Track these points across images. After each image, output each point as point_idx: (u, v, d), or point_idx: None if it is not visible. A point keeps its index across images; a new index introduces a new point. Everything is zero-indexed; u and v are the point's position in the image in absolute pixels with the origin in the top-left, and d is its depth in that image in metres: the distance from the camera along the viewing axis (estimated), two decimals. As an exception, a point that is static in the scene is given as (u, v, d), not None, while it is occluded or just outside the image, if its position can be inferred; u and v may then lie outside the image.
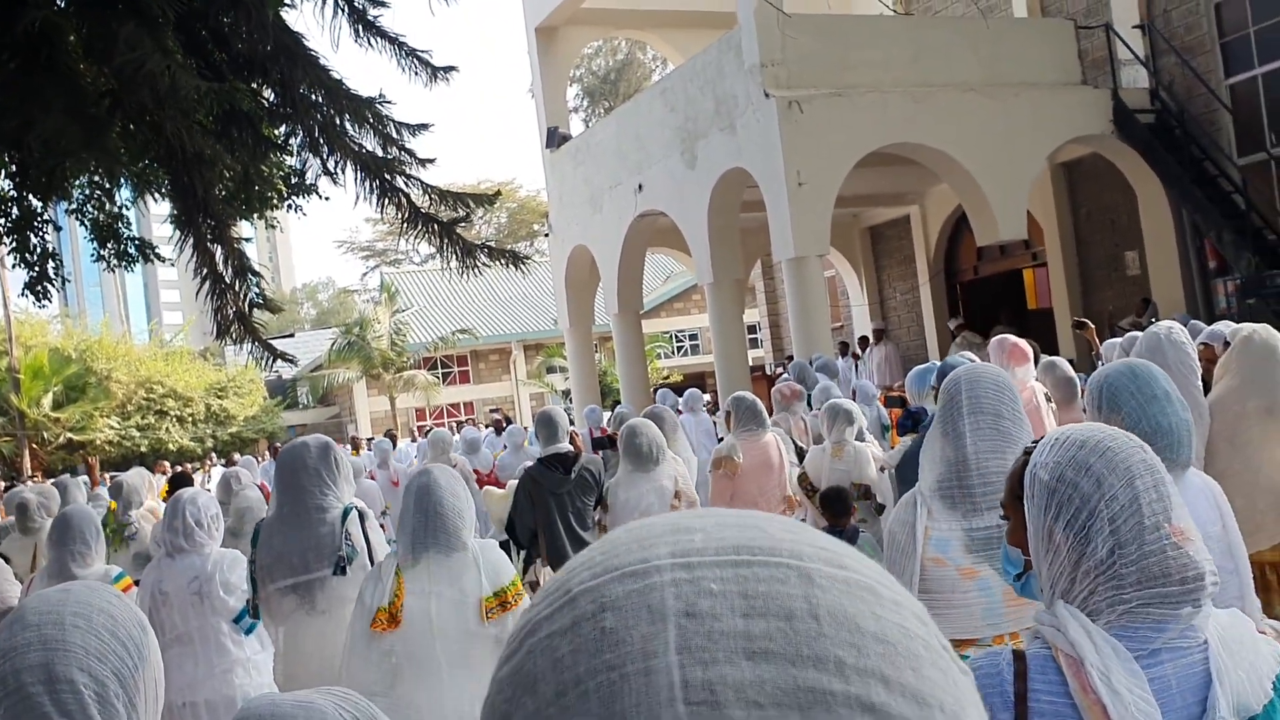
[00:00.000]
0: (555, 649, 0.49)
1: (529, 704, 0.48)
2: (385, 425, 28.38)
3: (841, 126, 12.66)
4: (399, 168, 8.33)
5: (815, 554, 0.51)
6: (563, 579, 0.52)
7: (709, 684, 0.45)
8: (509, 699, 0.49)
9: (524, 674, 0.49)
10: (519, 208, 52.27)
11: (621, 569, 0.50)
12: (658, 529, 0.53)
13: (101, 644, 1.58)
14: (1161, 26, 14.60)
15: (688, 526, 0.53)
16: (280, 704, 1.52)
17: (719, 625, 0.47)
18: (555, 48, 18.12)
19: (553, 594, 0.52)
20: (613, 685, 0.46)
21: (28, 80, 6.35)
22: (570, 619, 0.49)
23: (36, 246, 10.10)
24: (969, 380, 2.97)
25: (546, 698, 0.47)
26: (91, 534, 4.88)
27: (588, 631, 0.48)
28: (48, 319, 35.58)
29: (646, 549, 0.51)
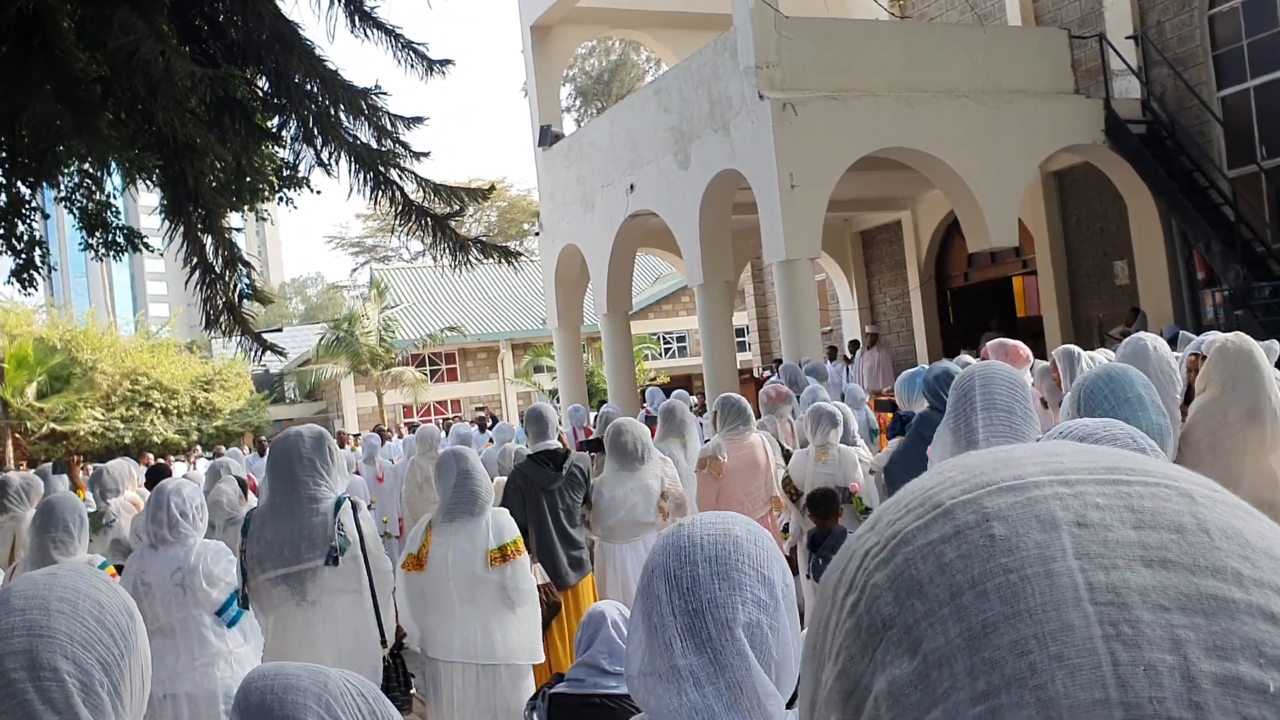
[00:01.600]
0: (940, 555, 0.49)
1: (918, 606, 0.49)
2: (372, 421, 28.32)
3: (835, 130, 12.67)
4: (393, 160, 8.29)
5: (1187, 476, 0.52)
6: (924, 494, 0.53)
7: (1113, 587, 0.46)
8: (891, 603, 0.50)
9: (905, 579, 0.50)
10: (509, 206, 52.25)
11: (996, 484, 0.51)
12: (1019, 453, 0.54)
13: (87, 631, 1.55)
14: (1155, 38, 14.65)
15: (1049, 450, 0.54)
16: (285, 666, 1.57)
17: (1112, 535, 0.48)
18: (550, 46, 18.11)
19: (917, 508, 0.52)
20: (1013, 586, 0.47)
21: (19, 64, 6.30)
22: (952, 528, 0.50)
23: (24, 234, 10.04)
24: (983, 377, 2.98)
25: (939, 599, 0.48)
26: (75, 522, 4.83)
27: (976, 539, 0.49)
28: (33, 308, 35.46)
29: (1016, 468, 0.52)
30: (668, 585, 1.55)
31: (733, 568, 1.56)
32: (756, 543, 1.61)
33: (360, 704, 1.53)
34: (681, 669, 1.51)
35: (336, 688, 1.52)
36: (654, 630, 1.55)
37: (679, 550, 1.58)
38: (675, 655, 1.52)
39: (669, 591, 1.55)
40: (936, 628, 0.48)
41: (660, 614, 1.55)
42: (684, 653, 1.51)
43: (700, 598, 1.53)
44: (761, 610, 1.54)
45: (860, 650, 0.51)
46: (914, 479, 0.56)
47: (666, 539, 1.62)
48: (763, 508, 6.55)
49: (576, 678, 3.14)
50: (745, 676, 1.51)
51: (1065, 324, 16.26)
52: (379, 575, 4.53)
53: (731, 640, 1.52)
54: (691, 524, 1.63)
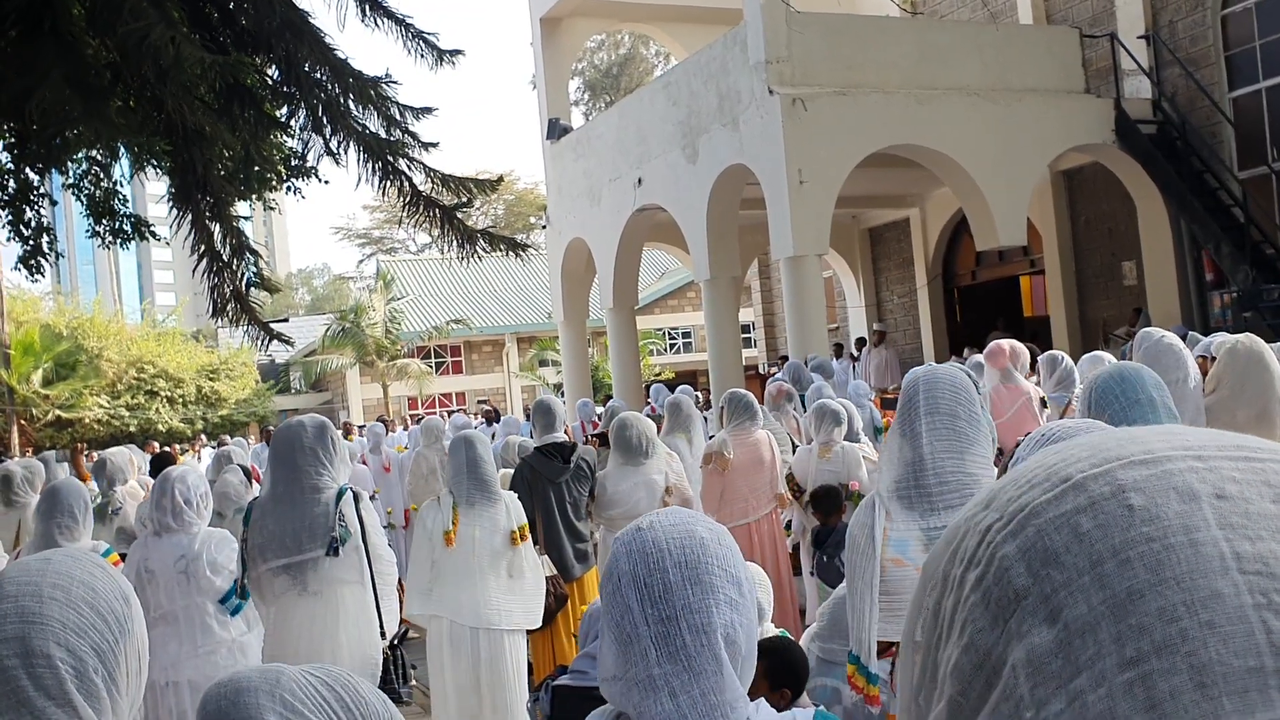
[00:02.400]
0: (1076, 525, 0.50)
1: (1055, 576, 0.49)
2: (377, 412, 28.32)
3: (845, 126, 12.63)
4: (402, 150, 8.28)
5: None
6: (1048, 470, 0.53)
7: (1260, 557, 0.47)
8: (1024, 574, 0.50)
9: (1039, 550, 0.50)
10: (516, 200, 52.21)
11: (1127, 458, 0.52)
12: (1143, 432, 0.55)
13: (80, 618, 1.53)
14: (1167, 37, 14.60)
15: (1171, 430, 0.55)
16: (241, 672, 1.52)
17: (1252, 508, 0.49)
18: (559, 38, 18.08)
19: (1043, 482, 0.53)
20: (1157, 554, 0.48)
21: (29, 49, 6.29)
22: (1086, 499, 0.51)
23: (32, 220, 10.04)
24: (927, 381, 3.00)
25: (1078, 568, 0.49)
26: (80, 508, 4.83)
27: (1113, 509, 0.50)
28: (40, 295, 35.49)
29: (1144, 444, 0.53)
30: (638, 594, 1.52)
31: (703, 571, 1.53)
32: (720, 541, 1.58)
33: (325, 693, 1.51)
34: (656, 678, 1.49)
35: (291, 681, 1.48)
36: (626, 639, 1.52)
37: (646, 556, 1.54)
38: (650, 664, 1.49)
39: (640, 600, 1.51)
40: (1077, 596, 0.48)
41: (632, 623, 1.52)
42: (659, 661, 1.49)
43: (673, 604, 1.50)
44: (734, 610, 1.52)
45: (990, 623, 0.51)
46: (1024, 461, 0.56)
47: (629, 545, 1.57)
48: (767, 504, 6.54)
49: (580, 669, 3.14)
50: (718, 681, 1.49)
51: (1072, 324, 16.22)
52: (380, 566, 4.52)
53: (707, 645, 1.49)
54: (653, 527, 1.59)
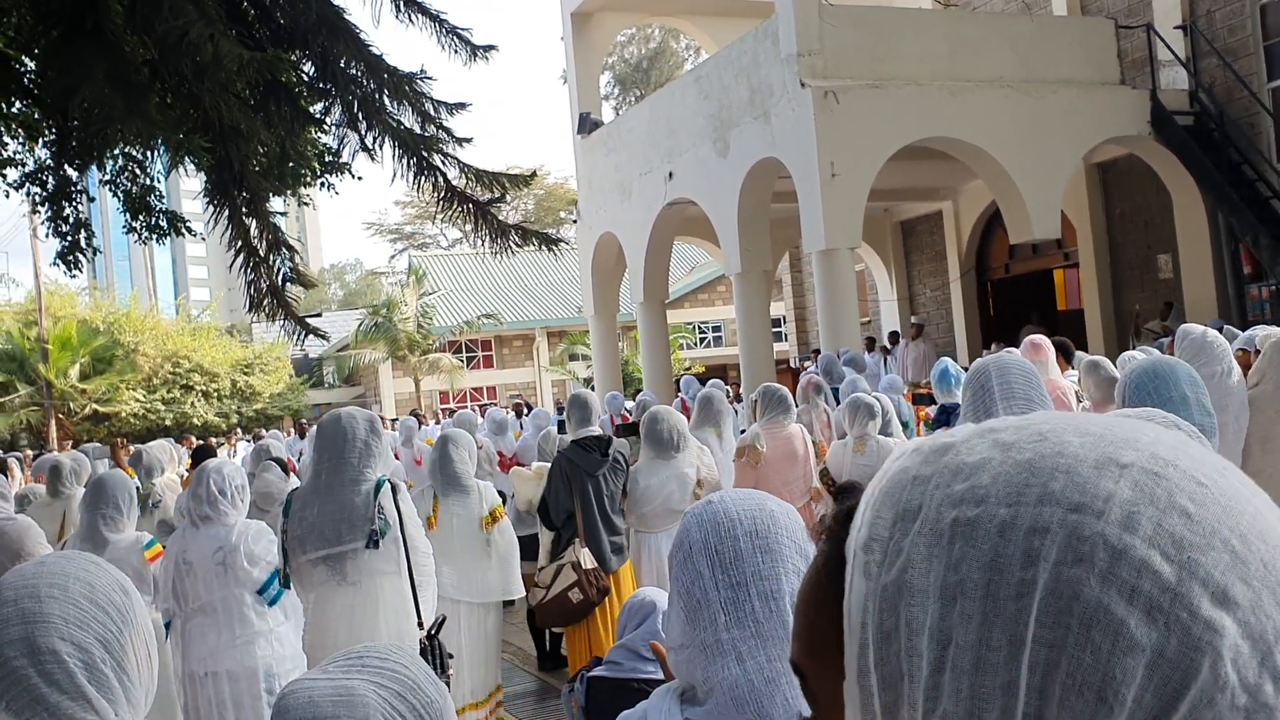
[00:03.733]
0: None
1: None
2: (409, 406, 28.48)
3: (877, 118, 12.58)
4: (436, 146, 8.31)
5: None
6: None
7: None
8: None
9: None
10: (546, 195, 52.29)
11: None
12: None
13: (81, 612, 1.56)
14: (1204, 28, 14.43)
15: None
16: (319, 702, 1.47)
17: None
18: (590, 33, 18.08)
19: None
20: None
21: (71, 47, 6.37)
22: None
23: (70, 216, 10.16)
24: (999, 368, 3.00)
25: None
26: (125, 499, 4.89)
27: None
28: (77, 291, 35.90)
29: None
30: (709, 560, 1.58)
31: (773, 540, 1.59)
32: (789, 515, 1.64)
33: (400, 706, 1.51)
34: (724, 642, 1.54)
35: (379, 715, 1.45)
36: (695, 606, 1.57)
37: (717, 525, 1.60)
38: (719, 629, 1.55)
39: (710, 566, 1.57)
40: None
41: (702, 589, 1.57)
42: (727, 626, 1.54)
43: (743, 571, 1.56)
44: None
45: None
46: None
47: (700, 516, 1.64)
48: (801, 498, 6.53)
49: (615, 660, 3.15)
50: (784, 648, 1.53)
51: (1106, 318, 16.08)
52: (417, 557, 4.54)
53: (775, 612, 1.55)
54: (723, 500, 1.65)
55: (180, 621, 4.62)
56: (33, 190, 10.18)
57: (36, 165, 10.37)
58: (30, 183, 10.18)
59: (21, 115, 10.06)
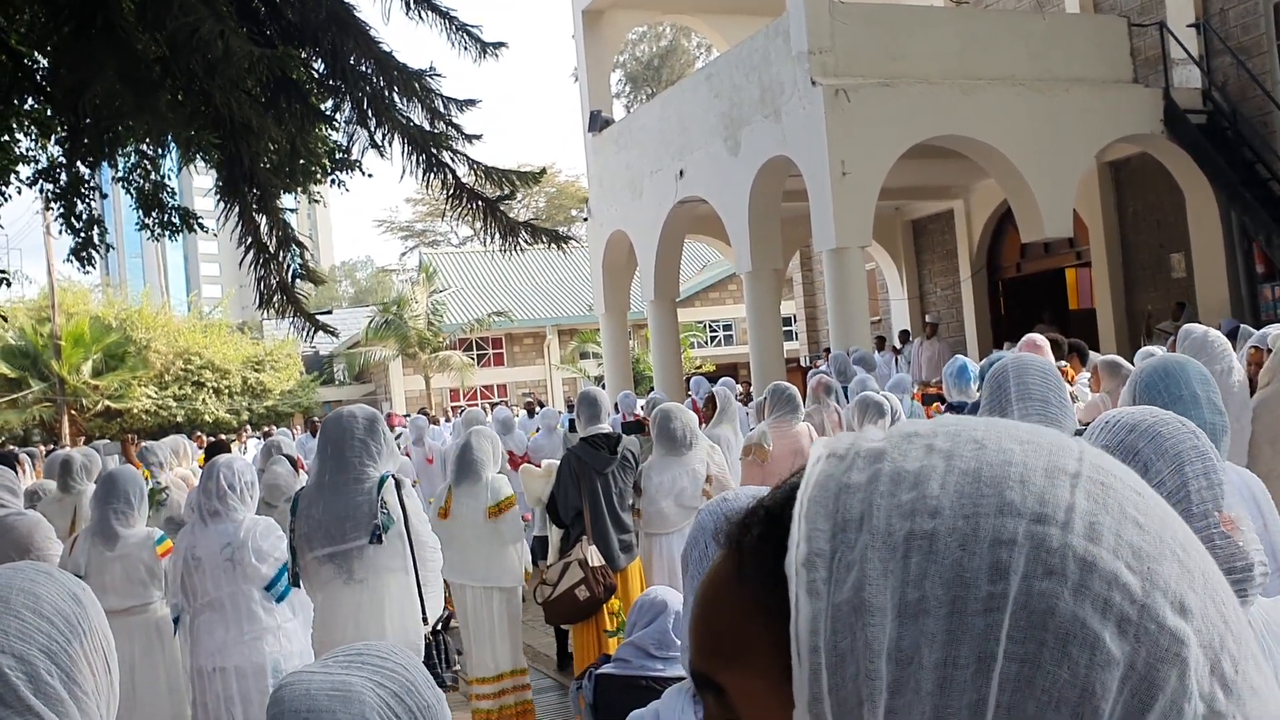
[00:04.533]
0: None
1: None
2: (420, 404, 28.55)
3: (888, 117, 12.55)
4: (446, 143, 8.32)
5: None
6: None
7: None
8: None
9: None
10: (557, 192, 52.34)
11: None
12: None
13: (23, 623, 1.52)
14: (1217, 26, 14.36)
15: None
16: (315, 695, 1.47)
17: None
18: (601, 31, 18.08)
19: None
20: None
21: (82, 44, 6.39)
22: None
23: (83, 213, 10.20)
24: (1016, 368, 2.98)
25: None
26: (135, 495, 4.90)
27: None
28: (89, 288, 36.05)
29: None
30: None
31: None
32: None
33: (396, 707, 1.50)
34: None
35: (374, 714, 1.45)
36: None
37: (732, 518, 1.59)
38: None
39: None
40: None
41: None
42: None
43: None
44: None
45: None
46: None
47: (715, 509, 1.64)
48: (807, 496, 6.51)
49: (623, 658, 3.14)
50: None
51: (1119, 317, 16.02)
52: (423, 552, 4.54)
53: None
54: (738, 496, 1.64)
55: (189, 617, 4.64)
56: (45, 187, 10.23)
57: (49, 162, 10.42)
58: (43, 179, 10.23)
59: (34, 112, 10.11)
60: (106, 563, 4.74)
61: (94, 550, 4.81)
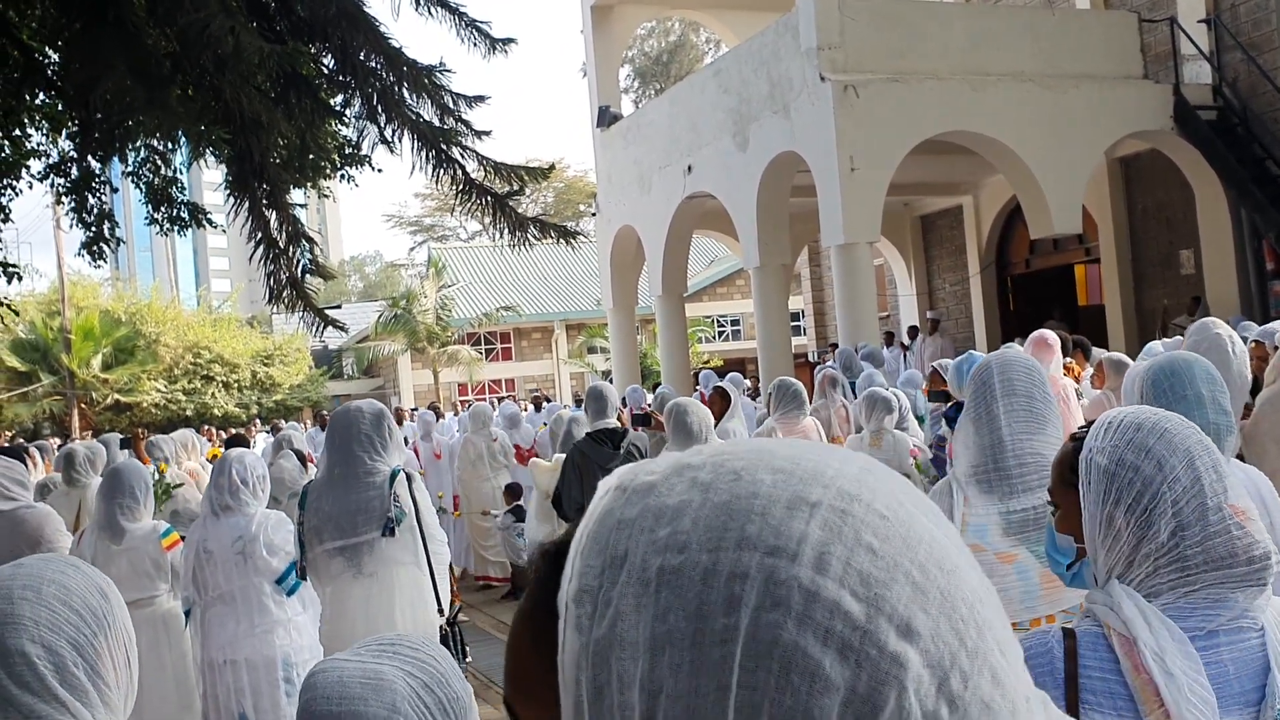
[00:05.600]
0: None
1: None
2: (428, 398, 28.58)
3: (897, 112, 12.54)
4: (455, 139, 8.34)
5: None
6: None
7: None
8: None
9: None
10: (566, 187, 52.33)
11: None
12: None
13: (53, 614, 1.56)
14: (1228, 21, 14.32)
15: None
16: (348, 682, 1.49)
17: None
18: (610, 26, 18.07)
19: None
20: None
21: (93, 39, 6.42)
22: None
23: (94, 207, 10.24)
24: (1000, 365, 2.99)
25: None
26: (140, 489, 4.93)
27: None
28: (99, 282, 36.17)
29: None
30: None
31: None
32: None
33: (426, 698, 1.52)
34: None
35: (405, 704, 1.47)
36: None
37: None
38: None
39: None
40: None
41: None
42: None
43: None
44: None
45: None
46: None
47: None
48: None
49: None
50: None
51: (1128, 313, 16.00)
52: (434, 546, 4.57)
53: None
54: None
55: (200, 610, 4.67)
56: (56, 181, 10.27)
57: (60, 157, 10.47)
58: (54, 174, 10.27)
59: (45, 107, 10.15)
60: (112, 556, 4.77)
61: (100, 544, 4.84)
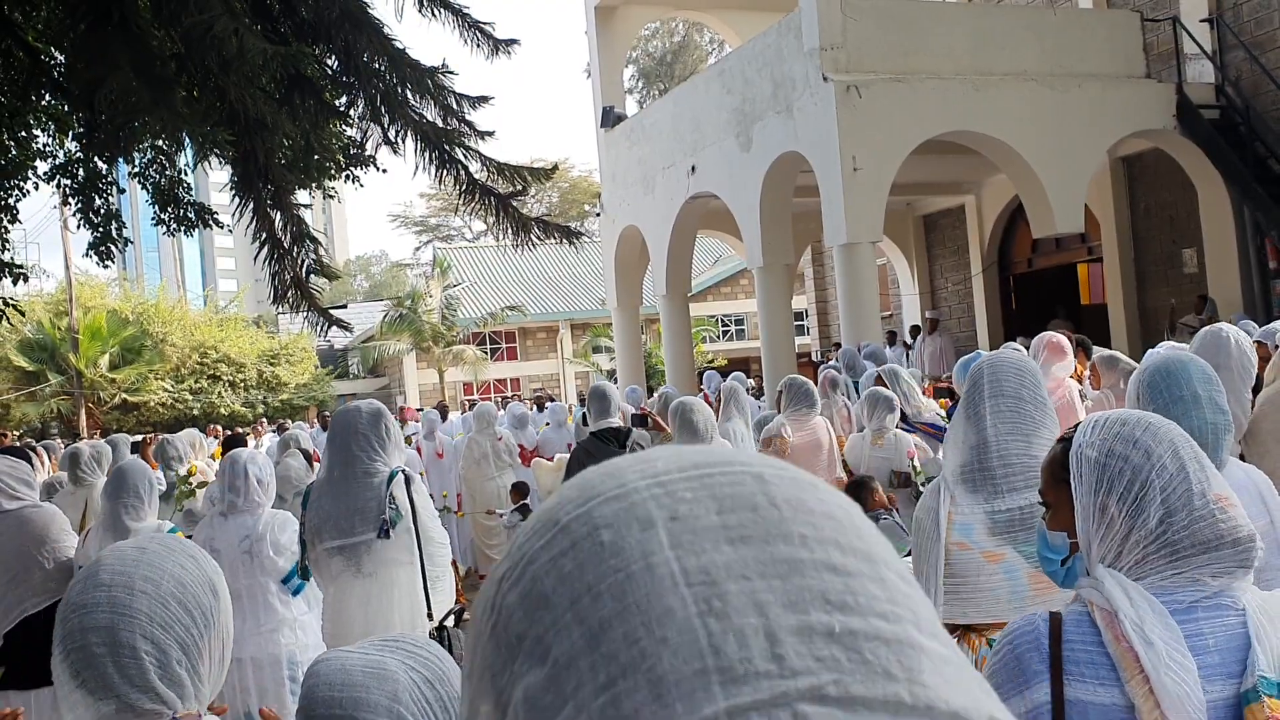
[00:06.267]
0: (561, 568, 0.55)
1: (545, 617, 0.54)
2: (434, 398, 28.62)
3: (900, 112, 12.55)
4: (458, 139, 8.38)
5: (761, 460, 0.60)
6: (548, 515, 0.58)
7: (703, 568, 0.52)
8: (523, 619, 0.55)
9: (534, 595, 0.55)
10: (570, 187, 52.36)
11: (603, 495, 0.57)
12: (624, 463, 0.60)
13: (167, 612, 1.61)
14: (1231, 20, 14.32)
15: (649, 458, 0.60)
16: (351, 670, 1.53)
17: (700, 523, 0.54)
18: (614, 27, 18.11)
19: (542, 528, 0.58)
20: (621, 583, 0.52)
21: (98, 40, 6.46)
22: (568, 542, 0.55)
23: (101, 208, 10.29)
24: (991, 365, 3.01)
25: (562, 607, 0.53)
26: (145, 488, 4.95)
27: (588, 547, 0.55)
28: (107, 282, 36.24)
29: (620, 477, 0.58)
30: None
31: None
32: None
33: (427, 692, 1.56)
34: None
35: (406, 694, 1.51)
36: None
37: None
38: None
39: None
40: (562, 634, 0.53)
41: None
42: None
43: None
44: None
45: (501, 666, 0.55)
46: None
47: None
48: (824, 489, 6.54)
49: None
50: None
51: (1130, 312, 16.00)
52: (430, 548, 4.59)
53: None
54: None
55: (206, 609, 4.70)
56: (63, 182, 10.33)
57: (67, 158, 10.52)
58: (61, 175, 10.33)
59: (51, 108, 10.21)
60: (117, 556, 4.80)
61: (106, 544, 4.87)
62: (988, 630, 2.83)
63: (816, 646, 0.50)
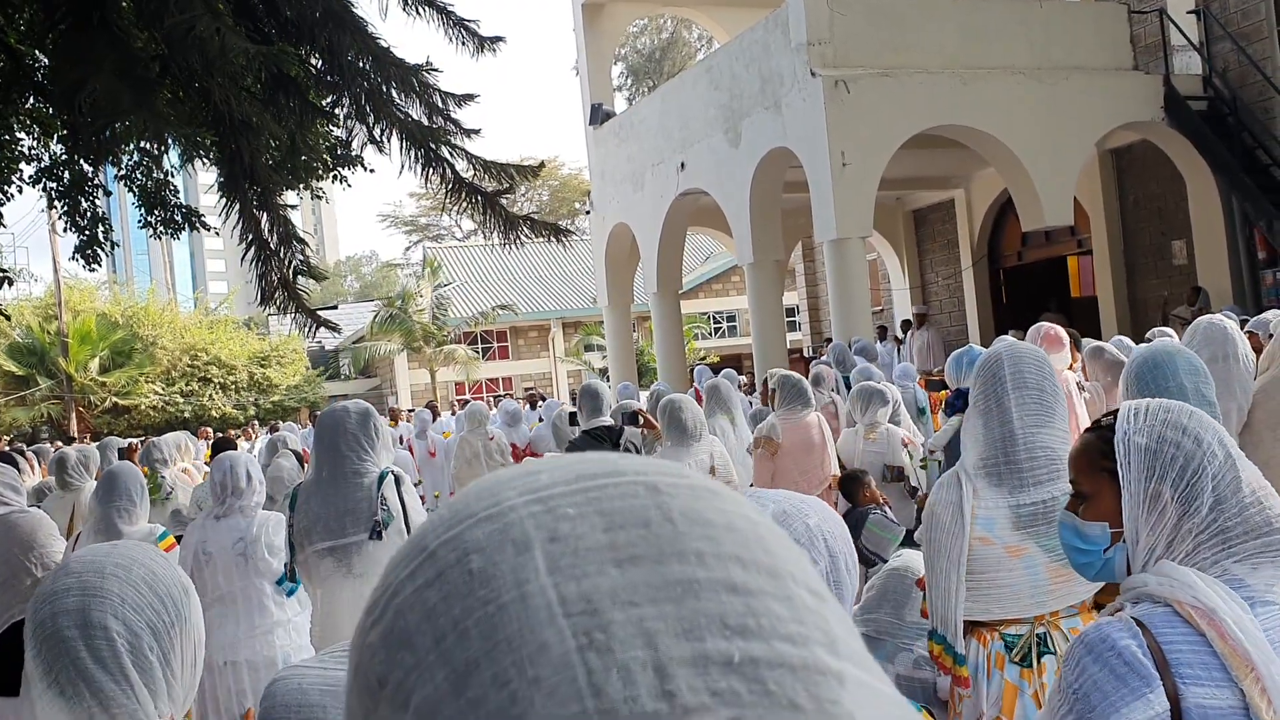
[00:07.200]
0: (425, 601, 0.48)
1: (407, 659, 0.48)
2: (425, 398, 28.58)
3: (888, 107, 12.55)
4: (444, 138, 8.35)
5: (657, 468, 0.53)
6: (416, 540, 0.52)
7: (585, 595, 0.46)
8: (384, 661, 0.49)
9: (396, 633, 0.49)
10: (560, 185, 52.33)
11: (475, 515, 0.51)
12: (504, 476, 0.54)
13: (139, 595, 1.59)
14: (1218, 12, 14.34)
15: (533, 470, 0.54)
16: (308, 690, 1.51)
17: (583, 543, 0.48)
18: (601, 24, 18.09)
19: (409, 556, 0.51)
20: (491, 618, 0.46)
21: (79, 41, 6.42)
22: (435, 571, 0.49)
23: (87, 210, 10.23)
24: (1011, 357, 2.97)
25: (425, 647, 0.47)
26: (137, 491, 4.92)
27: (455, 577, 0.48)
28: (96, 285, 36.12)
29: (496, 494, 0.52)
30: None
31: (798, 535, 1.62)
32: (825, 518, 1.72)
33: None
34: None
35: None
36: None
37: None
38: None
39: None
40: (425, 677, 0.47)
41: None
42: None
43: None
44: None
45: (363, 715, 0.50)
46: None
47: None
48: (819, 486, 6.52)
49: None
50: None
51: (1121, 304, 16.02)
52: (419, 549, 4.57)
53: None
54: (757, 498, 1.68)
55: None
56: (49, 185, 10.27)
57: (51, 160, 10.46)
58: (46, 178, 10.26)
59: (35, 111, 10.15)
60: (110, 560, 4.78)
61: (97, 547, 4.85)
62: (1006, 625, 2.80)
63: (712, 679, 0.44)
